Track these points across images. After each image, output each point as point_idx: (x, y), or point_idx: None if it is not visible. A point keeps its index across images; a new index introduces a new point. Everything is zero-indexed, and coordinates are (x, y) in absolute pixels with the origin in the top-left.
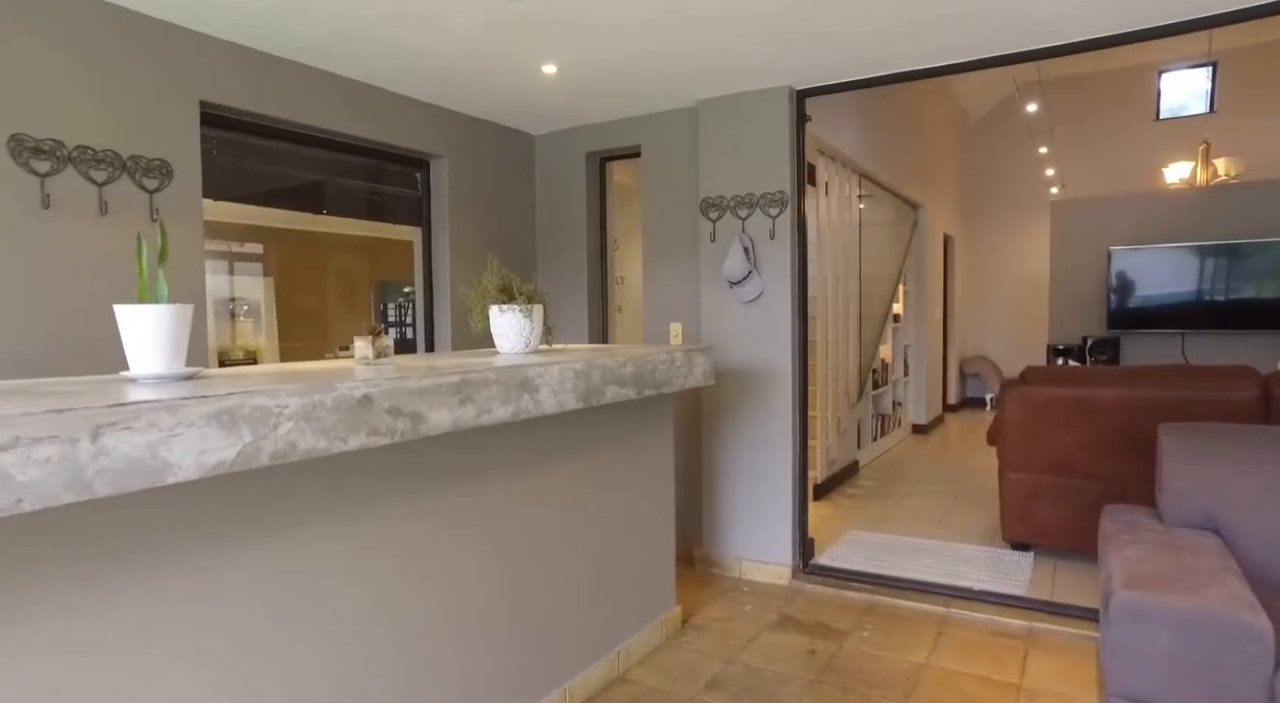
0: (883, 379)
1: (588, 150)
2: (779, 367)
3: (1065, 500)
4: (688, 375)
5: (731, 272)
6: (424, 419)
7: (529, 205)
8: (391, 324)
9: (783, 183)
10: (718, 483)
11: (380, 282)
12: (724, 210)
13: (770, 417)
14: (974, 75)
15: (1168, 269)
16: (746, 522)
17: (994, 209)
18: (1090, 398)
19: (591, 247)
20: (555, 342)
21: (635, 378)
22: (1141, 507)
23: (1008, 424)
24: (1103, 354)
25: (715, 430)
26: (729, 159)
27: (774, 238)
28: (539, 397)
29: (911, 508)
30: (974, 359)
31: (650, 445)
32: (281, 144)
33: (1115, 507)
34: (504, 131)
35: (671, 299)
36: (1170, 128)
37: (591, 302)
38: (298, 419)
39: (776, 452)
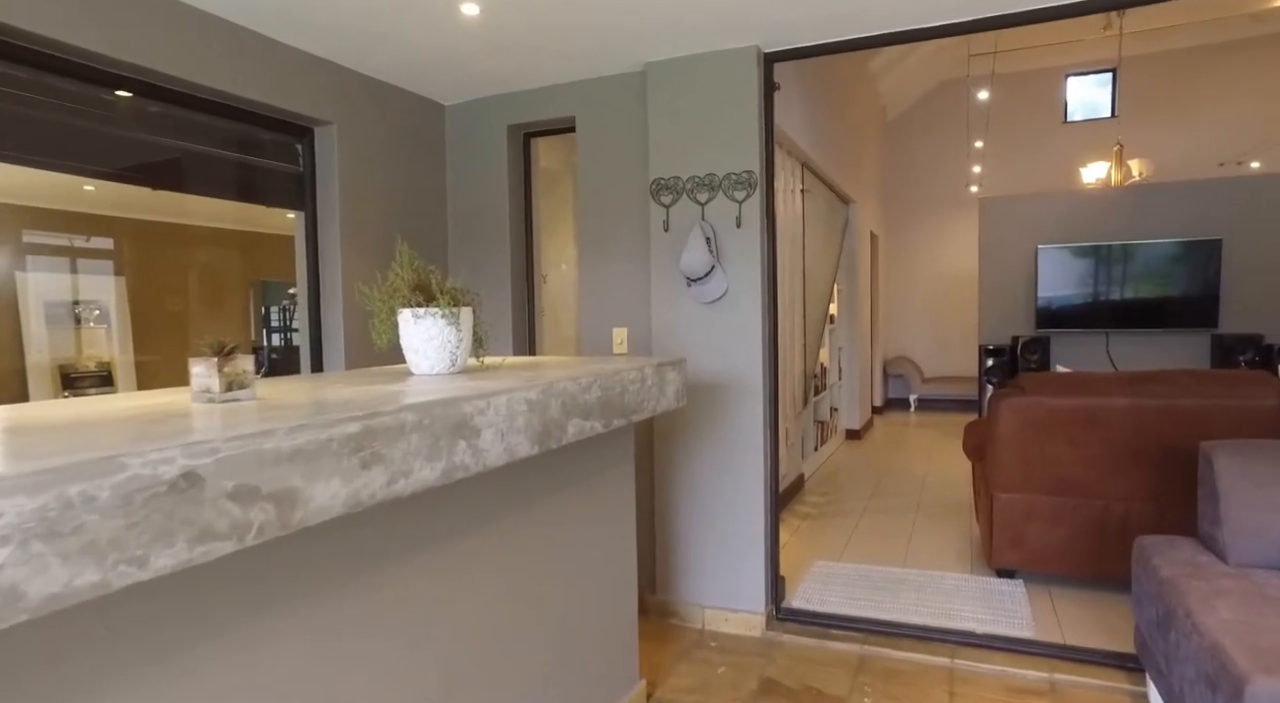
0: (821, 384)
1: (510, 123)
2: (747, 378)
3: (1062, 523)
4: (659, 397)
5: (691, 266)
6: (299, 500)
7: (438, 189)
8: (275, 330)
9: (750, 161)
10: (675, 518)
11: (262, 281)
12: (679, 194)
13: (736, 437)
14: (897, 70)
15: (1091, 268)
16: (710, 563)
17: (914, 207)
18: (1095, 408)
19: (515, 238)
20: (485, 356)
21: (602, 405)
22: (1182, 539)
23: (999, 439)
24: (1033, 355)
25: (671, 456)
26: (685, 133)
27: (740, 225)
28: (480, 443)
29: (873, 528)
30: (897, 359)
31: (610, 488)
32: (104, 91)
33: (1153, 540)
34: (408, 98)
35: (614, 300)
36: (1079, 130)
37: (516, 304)
38: (23, 543)
39: (744, 478)
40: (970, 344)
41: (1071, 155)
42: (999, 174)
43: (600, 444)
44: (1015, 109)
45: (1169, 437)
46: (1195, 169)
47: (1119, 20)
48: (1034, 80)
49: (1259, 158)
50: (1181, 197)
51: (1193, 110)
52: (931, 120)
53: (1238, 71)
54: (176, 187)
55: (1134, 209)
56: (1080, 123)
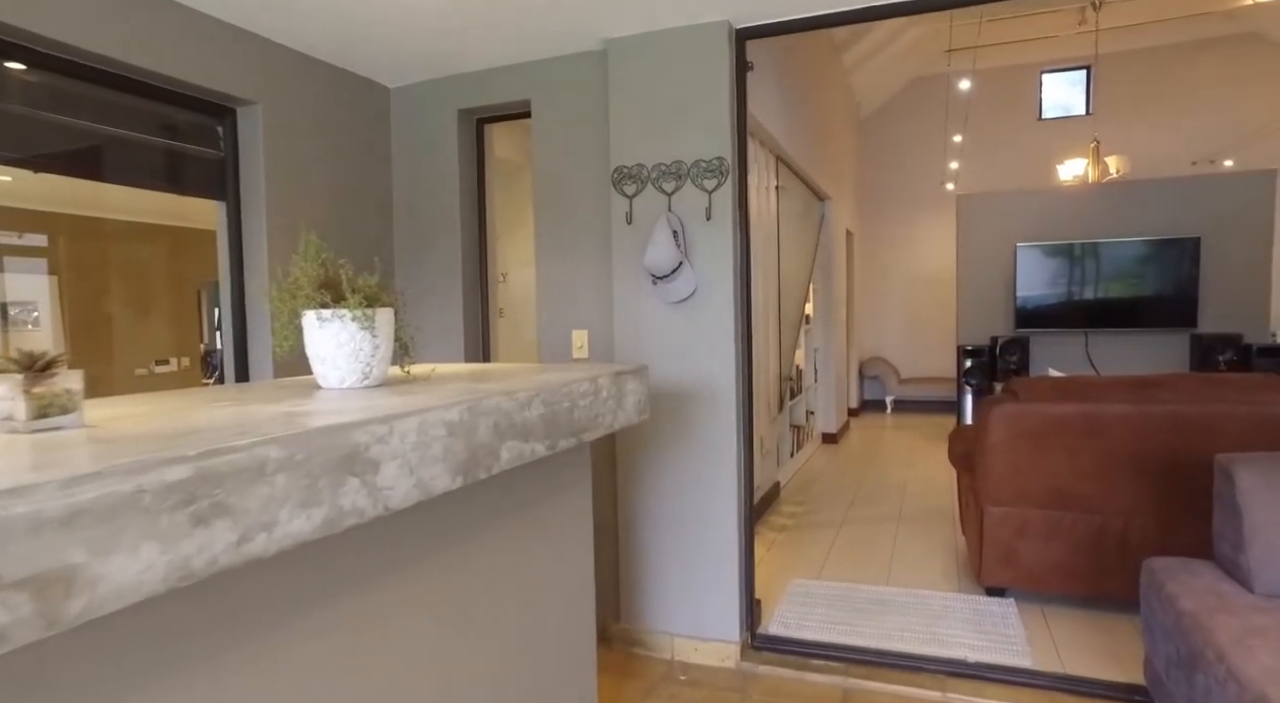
0: (797, 387)
1: (460, 107)
2: (719, 385)
3: (1057, 539)
4: (616, 411)
5: (656, 262)
6: (79, 582)
7: (383, 179)
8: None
9: (721, 147)
10: (640, 539)
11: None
12: (643, 183)
13: (707, 449)
14: (871, 65)
15: (1070, 267)
16: (678, 587)
17: (889, 205)
18: (1094, 416)
19: (468, 233)
20: (413, 364)
21: (546, 423)
22: (1198, 562)
23: (990, 449)
24: (1012, 355)
25: (635, 470)
26: (649, 117)
27: (710, 218)
28: (379, 480)
29: (853, 541)
30: (872, 360)
31: (562, 513)
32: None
33: (1164, 564)
34: (347, 78)
35: (574, 299)
36: (1054, 128)
37: (468, 306)
38: None
39: (715, 494)
40: (947, 344)
41: (1047, 153)
42: (974, 172)
43: (550, 465)
44: (989, 106)
45: (1174, 447)
46: (1168, 168)
47: (1094, 15)
48: (1008, 78)
49: (1232, 156)
50: (1159, 194)
51: (1166, 109)
52: (906, 117)
53: (1210, 70)
54: (74, 171)
55: (1112, 207)
56: (1055, 121)
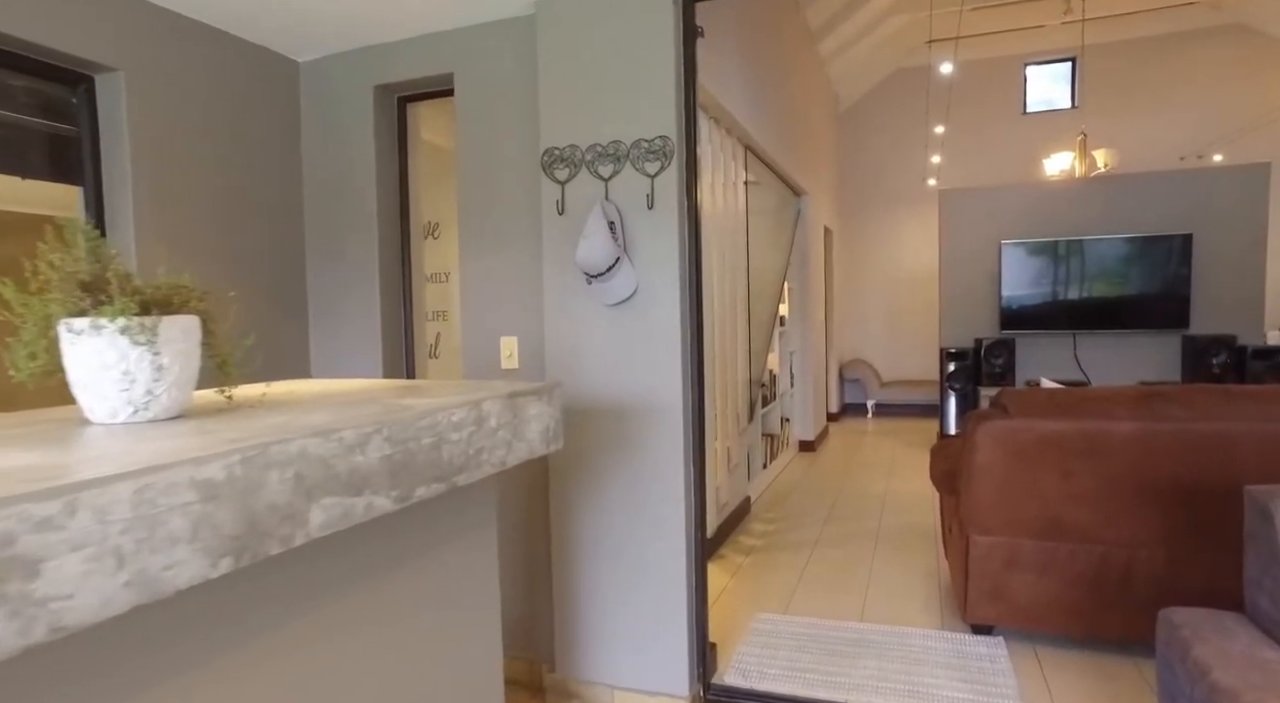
0: (771, 393)
1: (377, 83)
2: (663, 399)
3: (1052, 573)
4: (512, 442)
5: (589, 258)
6: None
7: (292, 167)
8: None
9: (664, 125)
10: (577, 576)
11: None
12: (577, 167)
13: (651, 473)
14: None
15: (1057, 266)
16: (621, 632)
17: (870, 201)
18: (1094, 434)
19: (387, 228)
20: (234, 386)
21: (395, 468)
22: (1228, 616)
23: (976, 471)
24: (998, 358)
25: (570, 499)
26: (584, 90)
27: (653, 206)
28: (41, 588)
29: (827, 566)
30: (853, 363)
31: (456, 562)
32: None
33: (1186, 617)
34: (245, 49)
35: (501, 302)
36: (1039, 122)
37: (388, 312)
38: None
39: (661, 526)
40: (930, 345)
41: (1032, 148)
42: (958, 167)
43: (445, 504)
44: (973, 100)
45: (1187, 470)
46: (1156, 164)
47: (1080, 5)
48: (991, 70)
49: (1221, 151)
50: (1149, 189)
51: (1152, 103)
52: (887, 110)
53: (1197, 63)
54: None
55: (1101, 202)
56: (1040, 114)
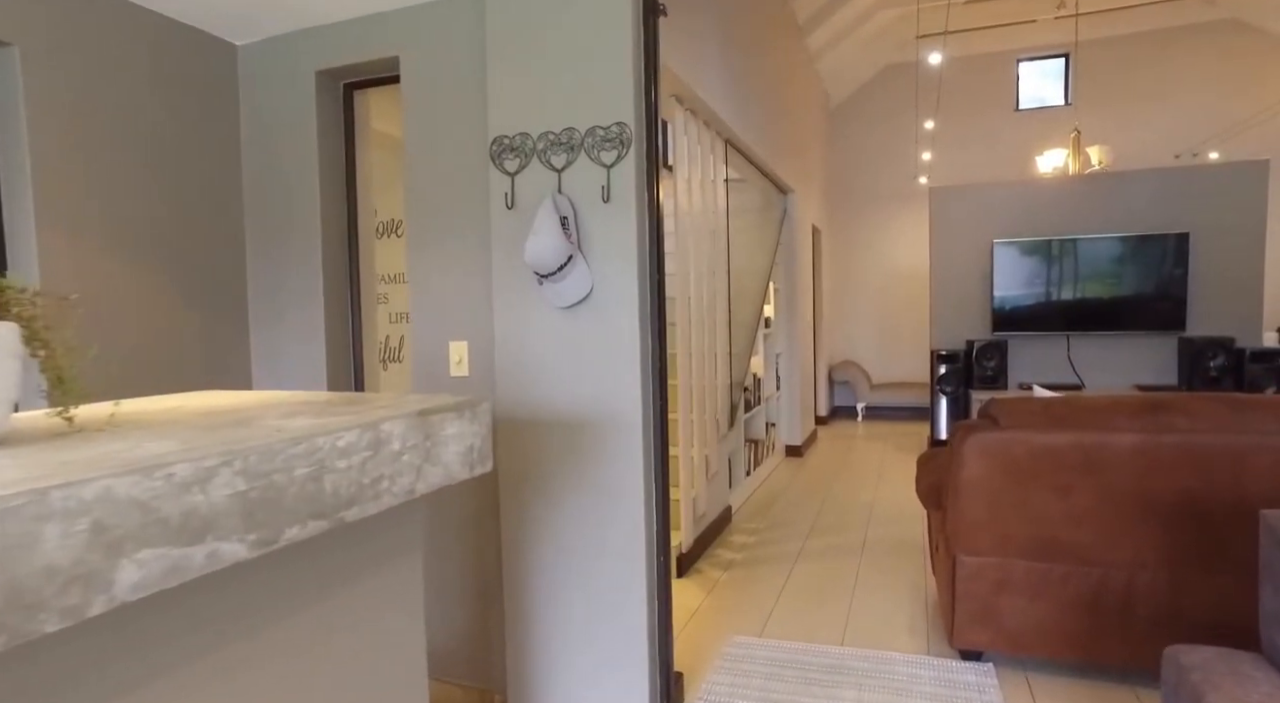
0: (755, 398)
1: (320, 68)
2: (621, 408)
3: (1045, 596)
4: (423, 466)
5: (539, 256)
6: None
7: (230, 160)
8: None
9: (621, 111)
10: (529, 601)
11: None
12: (528, 157)
13: (609, 489)
14: (839, 50)
15: (1050, 265)
16: (576, 661)
17: (859, 200)
18: (1092, 447)
19: (332, 225)
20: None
21: (249, 509)
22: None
23: (964, 487)
24: (990, 361)
25: (522, 518)
26: (535, 74)
27: (609, 199)
28: None
29: (809, 582)
30: (843, 365)
31: (376, 595)
32: None
33: (1200, 658)
34: (174, 30)
35: (451, 304)
36: (1032, 119)
37: (333, 316)
38: None
39: (622, 546)
40: (921, 346)
41: (1025, 146)
42: (949, 165)
43: (347, 536)
44: (965, 97)
45: (1192, 486)
46: (1151, 161)
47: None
48: (984, 66)
49: (1216, 148)
50: (1145, 187)
51: (1147, 99)
52: (878, 107)
53: (1193, 59)
54: None
55: (1095, 201)
56: (1033, 111)
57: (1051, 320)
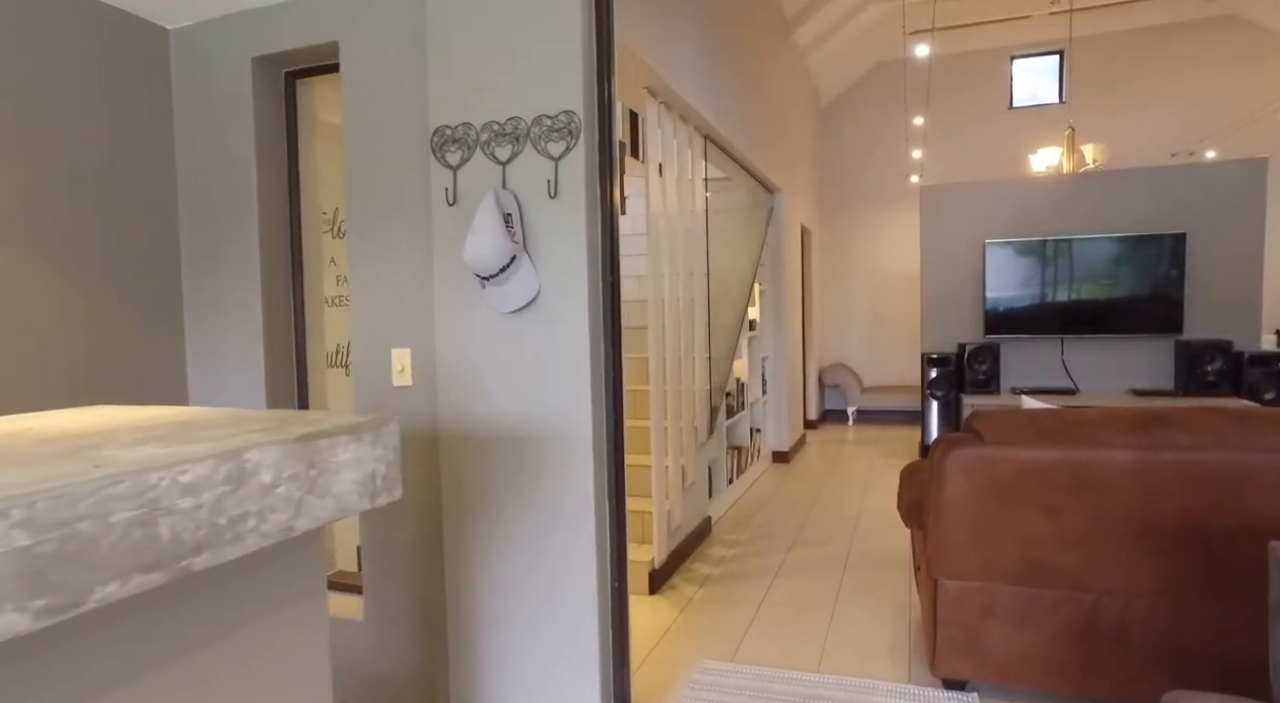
0: (738, 403)
1: (257, 54)
2: (570, 422)
3: (1033, 623)
4: (304, 501)
5: (479, 256)
6: None
7: (164, 151)
8: None
9: (569, 97)
10: (474, 631)
11: None
12: (470, 148)
13: (557, 511)
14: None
15: (1044, 267)
16: (523, 691)
17: (851, 199)
18: (1084, 465)
19: (271, 222)
20: None
21: (37, 567)
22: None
23: (946, 507)
24: (982, 364)
25: (466, 540)
26: (479, 58)
27: (556, 195)
28: None
29: (787, 599)
30: (833, 368)
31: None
32: None
33: None
34: (100, 12)
35: (393, 308)
36: (1026, 117)
37: (273, 321)
38: None
39: (571, 572)
40: (914, 349)
41: (1018, 145)
42: (941, 164)
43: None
44: (957, 94)
45: (1193, 507)
46: (1146, 160)
47: None
48: (976, 63)
49: (1213, 146)
50: (1141, 186)
51: (1143, 97)
52: (869, 106)
53: (1189, 55)
54: None
55: (1090, 200)
56: (1027, 109)
57: (1045, 323)
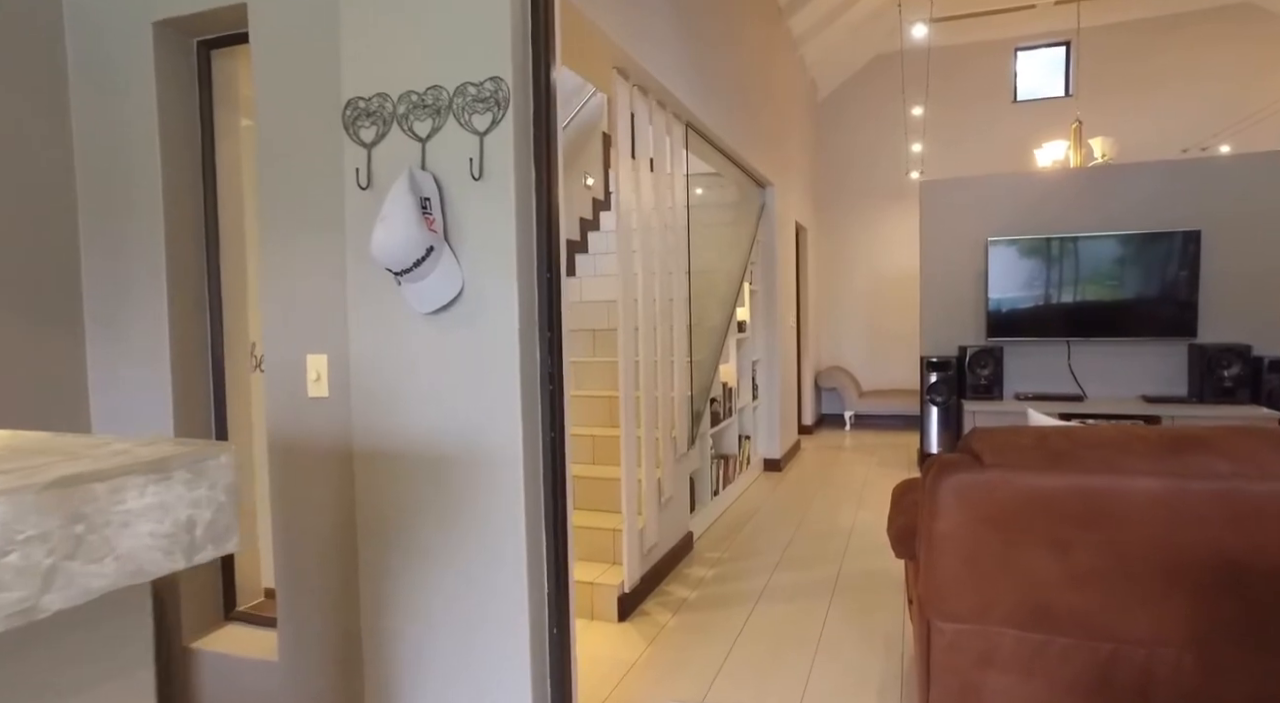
0: (725, 409)
1: (158, 19)
2: (496, 442)
3: (1040, 674)
4: (56, 570)
5: (388, 248)
6: None
7: (57, 132)
8: None
9: (497, 62)
10: (393, 672)
11: None
12: (387, 123)
13: (481, 546)
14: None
15: (1050, 266)
16: None
17: (848, 196)
18: (1100, 494)
19: (179, 212)
20: None
21: None
22: None
23: (939, 540)
24: (984, 368)
25: (384, 578)
26: (394, 19)
27: (482, 176)
28: None
29: (769, 628)
30: (830, 370)
31: None
32: None
33: None
34: None
35: (307, 307)
36: (1030, 111)
37: (181, 326)
38: None
39: (500, 616)
40: (914, 352)
41: (1023, 140)
42: (942, 159)
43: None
44: (959, 88)
45: (1229, 544)
46: (1157, 156)
47: None
48: (979, 55)
49: (1228, 141)
50: (1153, 181)
51: (1154, 90)
52: (868, 100)
53: (1202, 46)
54: None
55: (1098, 196)
56: (1031, 102)
57: (1051, 326)
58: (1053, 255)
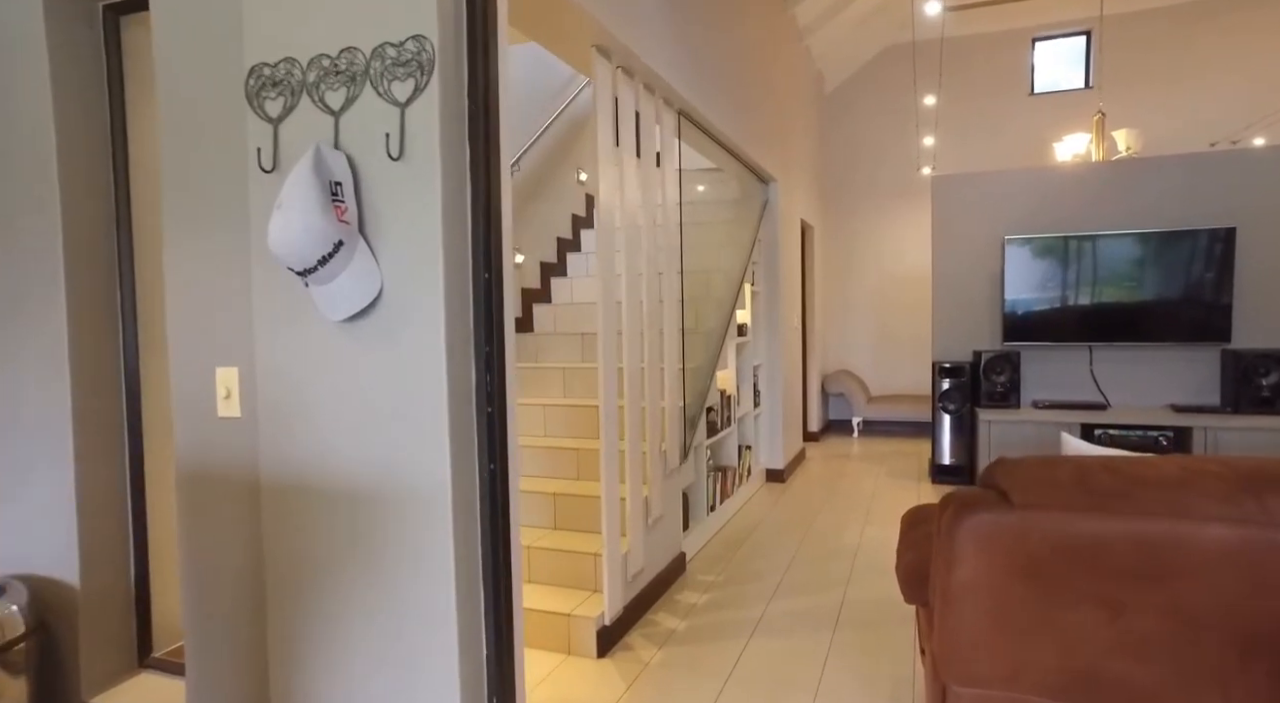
0: (723, 418)
1: None
2: (418, 476)
3: None
4: None
5: (287, 241)
6: None
7: None
8: None
9: (420, 17)
10: None
11: None
12: (295, 93)
13: (403, 600)
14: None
15: (1070, 266)
16: None
17: (857, 193)
18: (1158, 541)
19: (81, 199)
20: None
21: None
22: None
23: (960, 592)
24: (1000, 374)
25: (291, 626)
26: None
27: (403, 155)
28: None
29: (764, 664)
30: (837, 375)
31: None
32: None
33: None
34: None
35: (216, 312)
36: (1049, 104)
37: (85, 334)
38: None
39: (427, 684)
40: (925, 356)
41: (1040, 135)
42: (956, 155)
43: None
44: (974, 80)
45: None
46: (1183, 149)
47: None
48: (995, 46)
49: (1261, 133)
50: (1182, 175)
51: (1180, 81)
52: (878, 93)
53: (1231, 33)
54: None
55: (1123, 191)
56: (1049, 95)
57: (1071, 329)
58: (1073, 254)
